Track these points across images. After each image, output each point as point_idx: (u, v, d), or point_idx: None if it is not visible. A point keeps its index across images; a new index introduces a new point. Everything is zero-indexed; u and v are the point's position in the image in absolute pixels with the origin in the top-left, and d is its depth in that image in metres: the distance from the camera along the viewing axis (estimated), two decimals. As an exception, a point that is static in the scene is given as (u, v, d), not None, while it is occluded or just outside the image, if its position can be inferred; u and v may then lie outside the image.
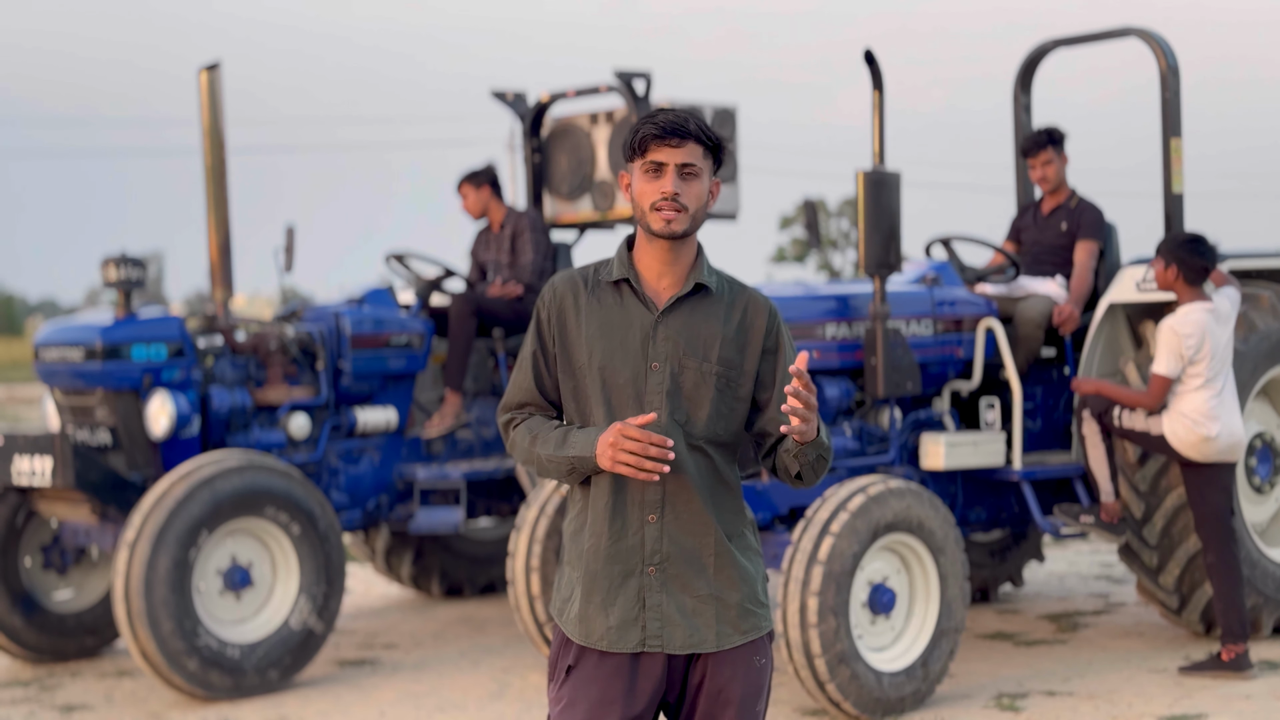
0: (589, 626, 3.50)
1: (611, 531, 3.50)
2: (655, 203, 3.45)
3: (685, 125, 3.45)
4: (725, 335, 3.52)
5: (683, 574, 3.49)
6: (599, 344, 3.51)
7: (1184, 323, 7.32)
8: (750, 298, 3.58)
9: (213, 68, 8.56)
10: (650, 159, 3.46)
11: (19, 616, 8.49)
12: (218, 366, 8.43)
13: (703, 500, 3.50)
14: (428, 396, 9.19)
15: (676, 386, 3.48)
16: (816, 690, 6.74)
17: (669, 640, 3.48)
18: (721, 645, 3.51)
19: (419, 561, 10.06)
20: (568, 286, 3.57)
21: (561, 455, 3.48)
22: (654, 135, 3.44)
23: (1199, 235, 7.46)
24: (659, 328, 3.50)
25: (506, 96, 9.79)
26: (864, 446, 7.69)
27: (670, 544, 3.49)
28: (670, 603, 3.49)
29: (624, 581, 3.49)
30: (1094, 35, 8.59)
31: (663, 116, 3.46)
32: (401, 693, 7.69)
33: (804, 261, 66.94)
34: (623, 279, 3.54)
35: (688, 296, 3.53)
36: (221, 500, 7.59)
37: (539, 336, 3.59)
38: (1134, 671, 7.56)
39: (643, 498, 3.48)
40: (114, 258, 8.20)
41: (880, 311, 7.46)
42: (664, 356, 3.49)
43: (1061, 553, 11.32)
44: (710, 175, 3.52)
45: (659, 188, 3.45)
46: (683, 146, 3.45)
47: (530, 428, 3.58)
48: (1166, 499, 7.80)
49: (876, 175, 7.38)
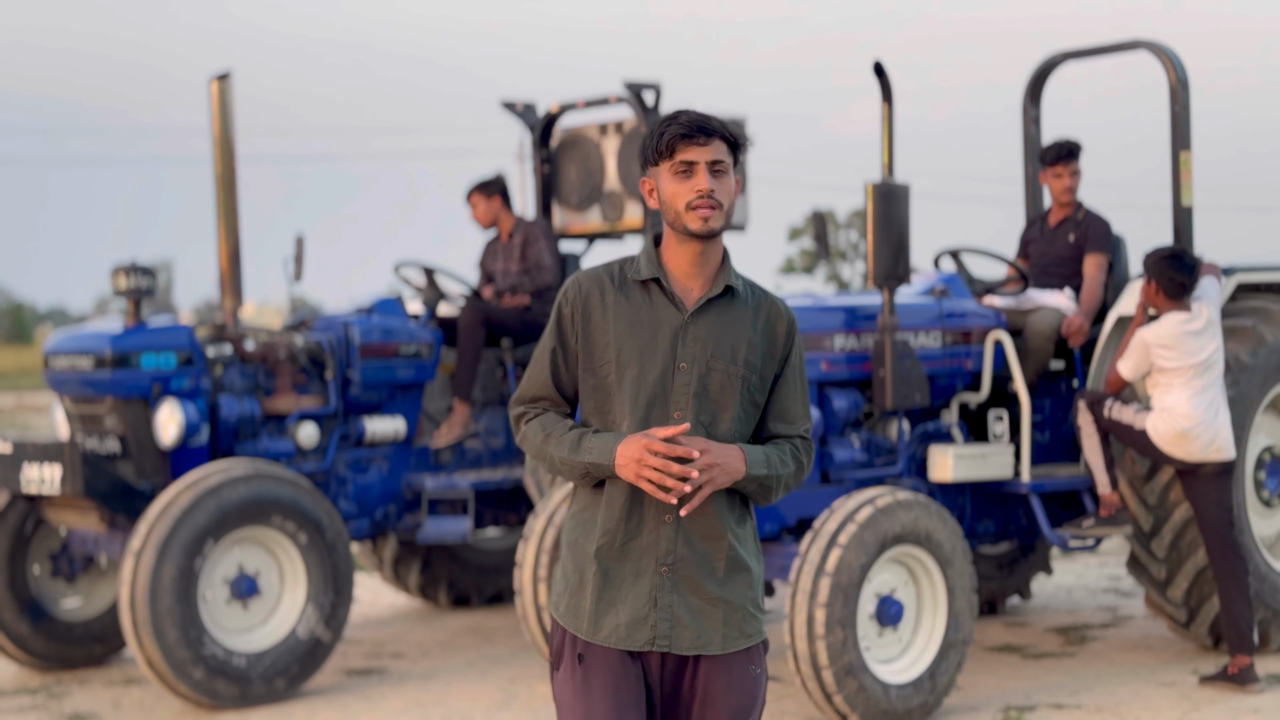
0: (598, 623, 3.49)
1: (627, 529, 3.49)
2: (691, 202, 3.45)
3: (710, 123, 3.47)
4: (752, 339, 3.53)
5: (694, 575, 3.49)
6: (627, 342, 3.49)
7: (1157, 336, 7.43)
8: (772, 304, 3.60)
9: (223, 77, 8.58)
10: (680, 159, 3.46)
11: (27, 624, 8.49)
12: (226, 375, 8.44)
13: (719, 504, 3.50)
14: (436, 406, 9.20)
15: (703, 388, 3.48)
16: (824, 702, 6.74)
17: (677, 640, 3.48)
18: (726, 649, 3.51)
19: (427, 571, 10.06)
20: (594, 283, 3.55)
21: (577, 460, 3.47)
22: (682, 135, 3.45)
23: (1180, 250, 7.53)
24: (689, 328, 3.50)
25: (516, 107, 9.81)
26: (872, 458, 7.68)
27: (685, 545, 3.48)
28: (681, 603, 3.48)
29: (635, 580, 3.49)
30: (1104, 48, 8.59)
31: (685, 116, 3.47)
32: (409, 702, 7.69)
33: (812, 273, 66.90)
34: (652, 278, 3.53)
35: (717, 298, 3.53)
36: (228, 509, 7.59)
37: (559, 332, 3.57)
38: (1142, 685, 7.54)
39: (659, 500, 3.47)
40: (124, 266, 8.21)
41: (889, 323, 7.46)
42: (692, 357, 3.49)
43: (1069, 565, 11.30)
44: (734, 171, 3.53)
45: (693, 186, 3.45)
46: (710, 144, 3.46)
47: (544, 424, 3.56)
48: (1175, 512, 7.80)
49: (885, 187, 7.38)
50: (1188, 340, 7.38)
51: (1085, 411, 7.73)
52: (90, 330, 8.41)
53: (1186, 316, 7.43)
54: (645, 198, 3.58)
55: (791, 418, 3.61)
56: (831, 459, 7.51)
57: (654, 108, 8.86)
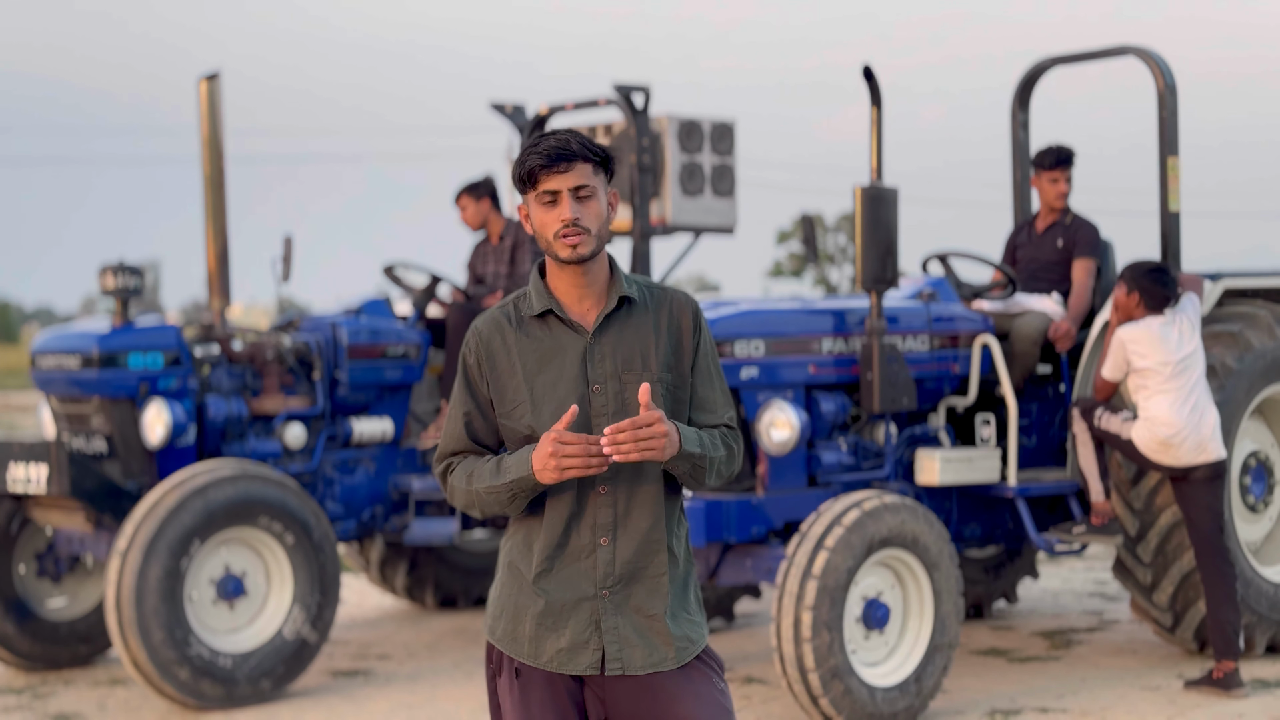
0: (539, 647, 3.46)
1: (565, 555, 3.47)
2: (558, 231, 3.42)
3: (569, 147, 3.42)
4: (657, 342, 3.52)
5: (635, 594, 3.47)
6: (537, 379, 3.48)
7: (1133, 334, 7.49)
8: (673, 299, 3.58)
9: (212, 77, 8.57)
10: (543, 189, 3.43)
11: (12, 624, 8.48)
12: (214, 376, 8.43)
13: (655, 516, 3.48)
14: (424, 407, 9.19)
15: (622, 404, 3.46)
16: (810, 705, 6.74)
17: (629, 662, 3.45)
18: (682, 660, 3.49)
19: (413, 572, 10.05)
20: (492, 328, 3.53)
21: (500, 483, 3.43)
22: (541, 165, 3.42)
23: (1163, 265, 7.62)
24: (593, 349, 3.48)
25: (505, 109, 9.80)
26: (859, 461, 7.69)
27: (623, 566, 3.47)
28: (626, 624, 3.46)
29: (576, 605, 3.46)
30: (1092, 53, 8.61)
31: (545, 144, 3.43)
32: (395, 704, 7.69)
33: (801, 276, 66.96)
34: (546, 310, 3.50)
35: (614, 312, 3.51)
36: (215, 509, 7.58)
37: (468, 385, 3.54)
38: (1127, 689, 7.56)
39: (595, 520, 3.46)
40: (111, 266, 8.20)
41: (877, 327, 7.46)
42: (604, 376, 3.47)
43: (1056, 569, 11.32)
44: (605, 189, 3.50)
45: (557, 216, 3.43)
46: (571, 170, 3.43)
47: (465, 468, 3.53)
48: (1161, 516, 7.81)
49: (874, 190, 7.39)
50: (1163, 336, 7.42)
51: (1080, 420, 7.75)
52: (77, 330, 8.40)
53: (1161, 318, 7.49)
54: (523, 222, 3.56)
55: (711, 406, 3.59)
56: (819, 462, 7.52)
57: (643, 110, 8.86)
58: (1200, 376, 7.51)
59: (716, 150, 9.54)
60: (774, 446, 7.22)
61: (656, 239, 9.67)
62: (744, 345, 7.32)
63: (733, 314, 7.39)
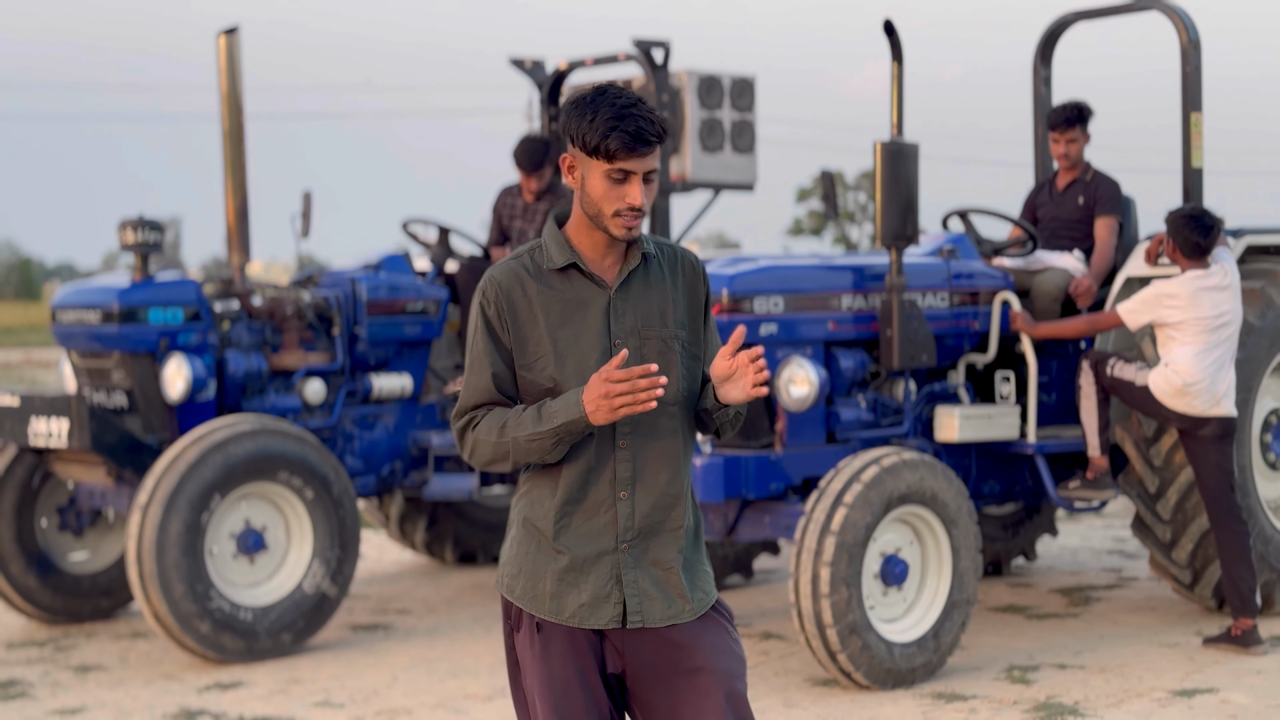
0: (561, 604, 3.45)
1: (583, 510, 3.46)
2: (619, 210, 3.38)
3: (652, 130, 3.37)
4: (675, 298, 3.52)
5: (653, 547, 3.47)
6: (561, 331, 3.45)
7: (1171, 291, 7.39)
8: (682, 257, 3.57)
9: (231, 32, 8.56)
10: (618, 166, 3.36)
11: (35, 577, 8.53)
12: (234, 331, 8.45)
13: (672, 469, 3.48)
14: (443, 363, 9.20)
15: (641, 360, 3.44)
16: (828, 660, 6.76)
17: (649, 614, 3.45)
18: (698, 612, 3.49)
19: (433, 528, 10.09)
20: (511, 278, 3.47)
21: (545, 429, 3.37)
22: (623, 148, 3.34)
23: (1201, 210, 7.47)
24: (615, 305, 3.46)
25: (525, 64, 9.77)
26: (878, 418, 7.68)
27: (642, 520, 3.46)
28: (645, 577, 3.46)
29: (597, 559, 3.45)
30: (1115, 8, 8.55)
31: (630, 123, 3.34)
32: (414, 658, 7.72)
33: (821, 234, 66.82)
34: (569, 264, 3.47)
35: (636, 269, 3.49)
36: (235, 464, 7.61)
37: (491, 336, 3.47)
38: (1145, 646, 7.56)
39: (614, 475, 3.45)
40: (132, 221, 8.21)
41: (896, 283, 7.44)
42: (625, 332, 3.46)
43: (1074, 527, 11.32)
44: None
45: (624, 196, 3.38)
46: (650, 154, 3.39)
47: (494, 419, 3.45)
48: (1180, 475, 7.79)
49: (894, 146, 7.36)
50: (1200, 296, 7.35)
51: (1088, 371, 7.72)
52: (98, 285, 8.41)
53: (1203, 273, 7.40)
54: (564, 173, 3.47)
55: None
56: (838, 419, 7.51)
57: (663, 65, 8.83)
58: (1232, 335, 7.45)
59: (736, 106, 9.51)
60: (793, 403, 7.21)
61: (675, 195, 9.66)
62: (763, 301, 7.31)
63: (752, 270, 7.37)
